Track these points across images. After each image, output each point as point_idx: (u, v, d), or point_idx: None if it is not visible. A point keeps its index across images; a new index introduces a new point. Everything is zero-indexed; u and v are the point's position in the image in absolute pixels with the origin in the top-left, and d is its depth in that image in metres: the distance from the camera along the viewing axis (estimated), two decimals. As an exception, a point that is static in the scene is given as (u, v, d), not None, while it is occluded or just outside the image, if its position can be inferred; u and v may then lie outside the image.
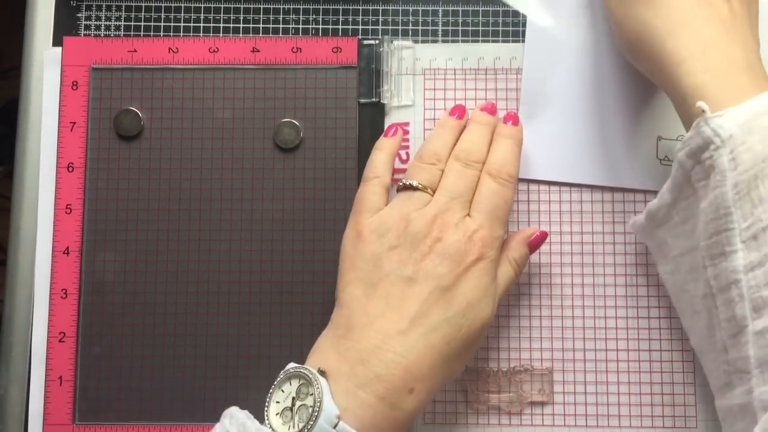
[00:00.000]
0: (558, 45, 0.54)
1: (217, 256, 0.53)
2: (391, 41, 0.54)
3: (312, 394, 0.41)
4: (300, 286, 0.52)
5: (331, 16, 0.55)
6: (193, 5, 0.55)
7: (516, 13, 0.55)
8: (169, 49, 0.54)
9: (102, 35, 0.55)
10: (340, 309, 0.45)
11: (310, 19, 0.55)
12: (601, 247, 0.53)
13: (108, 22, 0.55)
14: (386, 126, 0.54)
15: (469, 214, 0.47)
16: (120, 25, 0.55)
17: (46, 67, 0.54)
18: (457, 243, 0.45)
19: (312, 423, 0.40)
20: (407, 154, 0.54)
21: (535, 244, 0.50)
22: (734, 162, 0.40)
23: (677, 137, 0.53)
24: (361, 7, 0.55)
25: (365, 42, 0.54)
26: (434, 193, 0.47)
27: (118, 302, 0.52)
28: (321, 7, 0.55)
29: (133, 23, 0.55)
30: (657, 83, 0.47)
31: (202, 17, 0.55)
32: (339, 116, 0.53)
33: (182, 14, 0.55)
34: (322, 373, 0.42)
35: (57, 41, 0.55)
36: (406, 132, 0.54)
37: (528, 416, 0.52)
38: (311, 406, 0.40)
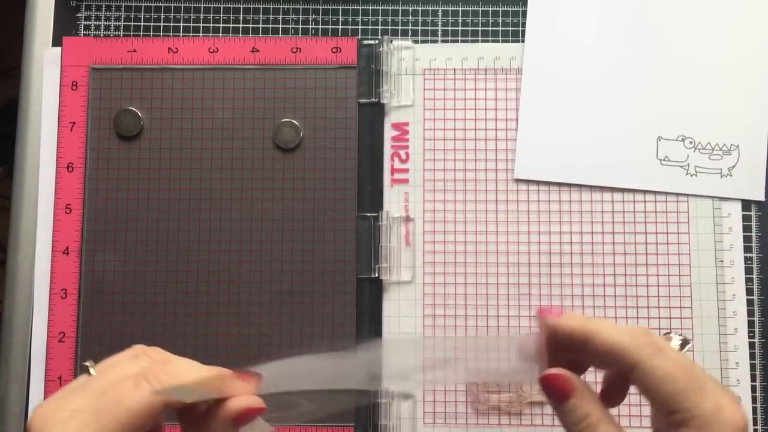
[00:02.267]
0: (558, 45, 0.54)
1: (217, 255, 0.53)
2: (391, 41, 0.54)
3: None
4: (300, 286, 0.52)
5: (330, 16, 0.55)
6: (193, 5, 0.55)
7: (516, 13, 0.55)
8: (169, 49, 0.54)
9: (102, 35, 0.55)
10: None
11: (310, 19, 0.55)
12: (600, 247, 0.53)
13: (108, 22, 0.55)
14: (386, 126, 0.54)
15: None
16: (120, 25, 0.55)
17: (46, 67, 0.54)
18: None
19: None
20: (407, 153, 0.54)
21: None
22: None
23: (677, 137, 0.53)
24: (360, 7, 0.55)
25: (365, 42, 0.54)
26: None
27: (118, 302, 0.52)
28: (321, 7, 0.55)
29: (132, 23, 0.55)
30: None
31: (201, 17, 0.55)
32: (339, 116, 0.53)
33: (182, 14, 0.55)
34: None
35: (57, 41, 0.55)
36: (405, 132, 0.54)
37: (528, 416, 0.52)
38: None
